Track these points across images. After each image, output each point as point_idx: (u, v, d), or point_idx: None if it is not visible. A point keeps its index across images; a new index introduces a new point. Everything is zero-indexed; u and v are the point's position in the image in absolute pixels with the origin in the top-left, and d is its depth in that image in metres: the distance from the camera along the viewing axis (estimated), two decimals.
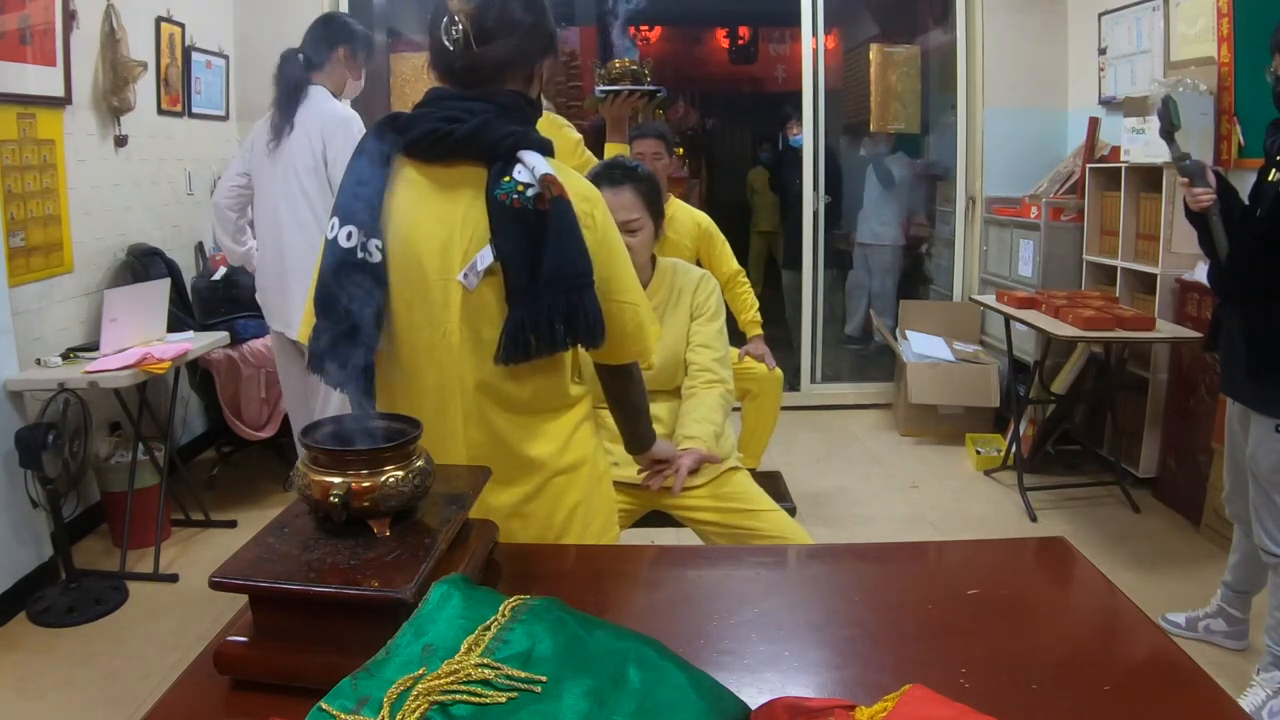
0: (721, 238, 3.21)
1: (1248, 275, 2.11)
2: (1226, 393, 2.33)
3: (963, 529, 3.38)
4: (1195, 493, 3.30)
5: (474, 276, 1.27)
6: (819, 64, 4.78)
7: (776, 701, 0.77)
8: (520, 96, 1.32)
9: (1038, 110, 4.63)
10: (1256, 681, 2.22)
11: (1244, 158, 3.27)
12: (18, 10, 2.88)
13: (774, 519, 2.00)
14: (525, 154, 1.26)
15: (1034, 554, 1.33)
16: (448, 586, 0.82)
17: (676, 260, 2.16)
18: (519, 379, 1.32)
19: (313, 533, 0.97)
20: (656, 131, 3.13)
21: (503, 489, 1.33)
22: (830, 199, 5.02)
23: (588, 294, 1.28)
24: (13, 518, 2.73)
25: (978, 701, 0.76)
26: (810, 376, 5.08)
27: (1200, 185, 2.19)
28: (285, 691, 0.86)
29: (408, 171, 1.31)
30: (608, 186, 1.90)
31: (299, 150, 2.72)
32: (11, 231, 2.84)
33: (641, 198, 1.93)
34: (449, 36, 1.27)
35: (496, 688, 0.71)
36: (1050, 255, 4.13)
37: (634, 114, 2.69)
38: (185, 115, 4.02)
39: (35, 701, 2.30)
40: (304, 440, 1.00)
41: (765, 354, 3.18)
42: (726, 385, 2.06)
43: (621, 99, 2.48)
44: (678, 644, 0.83)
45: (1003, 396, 4.23)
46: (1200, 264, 3.27)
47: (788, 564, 1.30)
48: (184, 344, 3.04)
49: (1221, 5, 3.33)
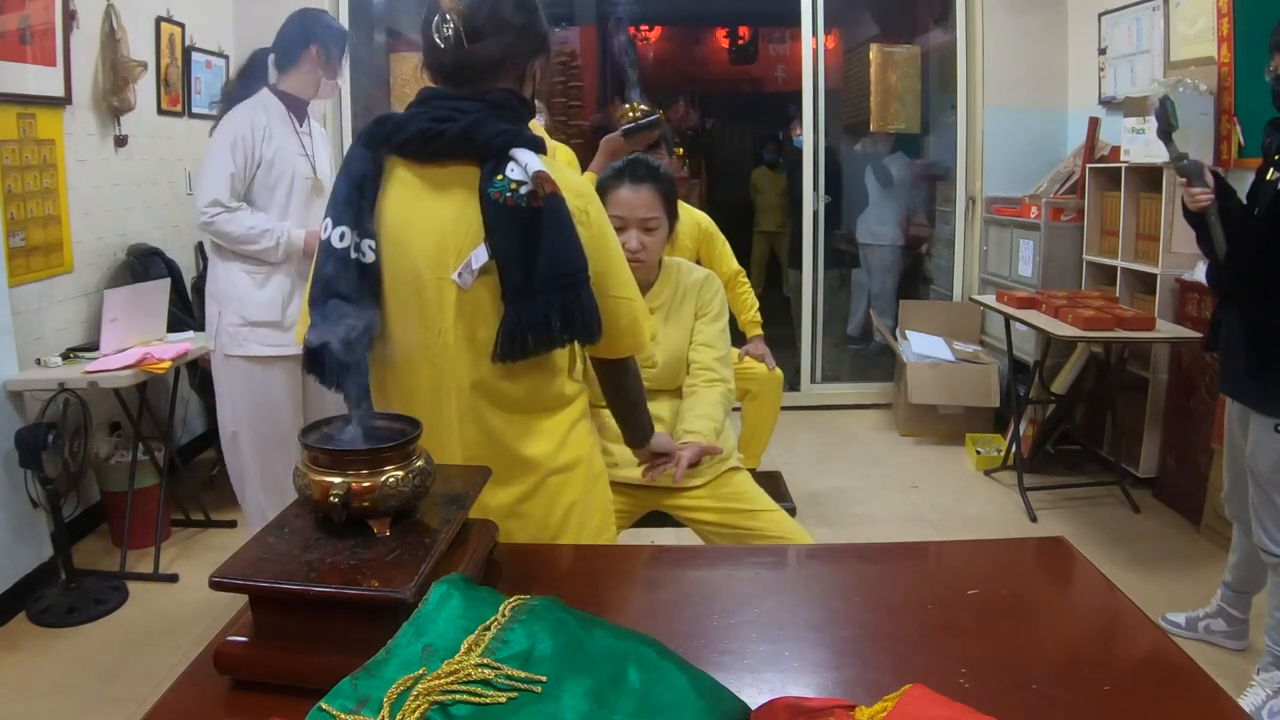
0: (722, 238, 3.21)
1: (1246, 275, 2.11)
2: (1226, 392, 2.33)
3: (963, 529, 3.38)
4: (1195, 493, 3.30)
5: (469, 276, 1.27)
6: (819, 64, 4.78)
7: (776, 701, 0.77)
8: (512, 95, 1.32)
9: (1038, 110, 4.63)
10: (1256, 681, 2.22)
11: (1244, 157, 3.27)
12: (18, 10, 2.88)
13: (774, 519, 2.00)
14: (518, 152, 1.26)
15: (1034, 554, 1.33)
16: (448, 586, 0.82)
17: (681, 260, 2.16)
18: (514, 377, 1.32)
19: (313, 533, 0.97)
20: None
21: (499, 489, 1.33)
22: (830, 199, 5.02)
23: (584, 290, 1.28)
24: (13, 518, 2.73)
25: (978, 701, 0.76)
26: (810, 376, 5.08)
27: (1198, 185, 2.19)
28: (285, 691, 0.86)
29: (400, 172, 1.31)
30: (629, 183, 1.92)
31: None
32: (11, 231, 2.84)
33: (661, 197, 1.94)
34: (440, 35, 1.27)
35: (496, 688, 0.71)
36: (1050, 255, 4.13)
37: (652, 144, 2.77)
38: (185, 115, 4.02)
39: (35, 701, 2.30)
40: (304, 440, 1.00)
41: (765, 354, 3.18)
42: (727, 384, 2.06)
43: (639, 136, 2.56)
44: (678, 644, 0.83)
45: (1003, 396, 4.23)
46: (1200, 264, 3.27)
47: (788, 564, 1.30)
48: (184, 344, 3.04)
49: (1221, 5, 3.33)
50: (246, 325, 2.55)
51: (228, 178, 2.48)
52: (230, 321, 2.56)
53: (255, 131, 2.52)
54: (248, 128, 2.50)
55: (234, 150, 2.49)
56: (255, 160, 2.52)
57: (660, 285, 2.06)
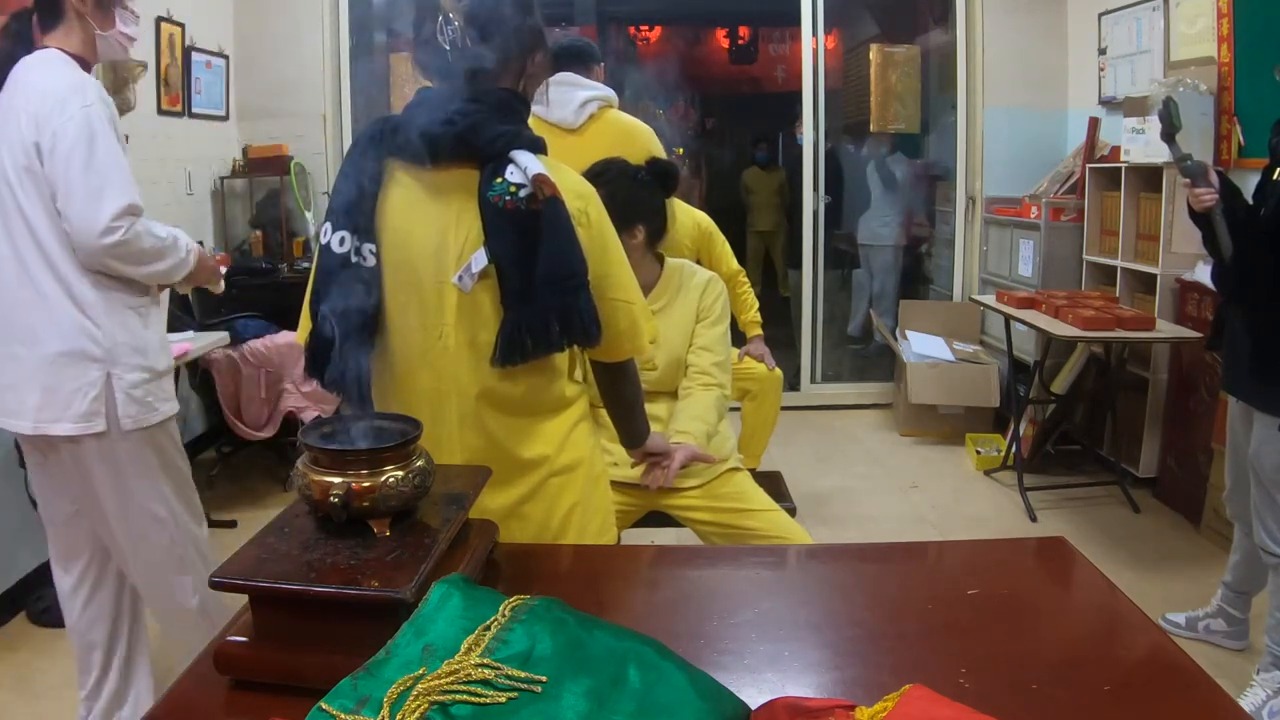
0: (721, 238, 3.21)
1: (1251, 274, 2.12)
2: (1229, 391, 2.33)
3: (963, 529, 3.38)
4: (1195, 493, 3.30)
5: (468, 279, 1.26)
6: (819, 64, 4.79)
7: (776, 701, 0.77)
8: (512, 94, 1.32)
9: (1038, 110, 4.63)
10: (1256, 681, 2.22)
11: (1244, 157, 3.27)
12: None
13: (773, 519, 2.00)
14: (517, 154, 1.25)
15: (1034, 554, 1.33)
16: (448, 586, 0.82)
17: (685, 261, 2.16)
18: (514, 380, 1.31)
19: (313, 533, 0.97)
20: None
21: (499, 491, 1.32)
22: (830, 199, 5.02)
23: (583, 294, 1.28)
24: (13, 518, 2.73)
25: (978, 701, 0.76)
26: (810, 376, 5.08)
27: (1202, 185, 2.19)
28: (285, 691, 0.86)
29: (400, 174, 1.30)
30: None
31: (10, 151, 1.75)
32: None
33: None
34: (442, 35, 1.27)
35: (496, 688, 0.71)
36: (1050, 255, 4.13)
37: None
38: (185, 115, 4.02)
39: (35, 701, 2.30)
40: (304, 440, 1.00)
41: (765, 354, 3.18)
42: (724, 390, 2.05)
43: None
44: (678, 644, 0.83)
45: (1003, 396, 4.23)
46: (1200, 264, 3.27)
47: (788, 564, 1.30)
48: (184, 344, 3.04)
49: (1221, 5, 3.33)
50: (153, 380, 1.87)
51: (128, 169, 1.78)
52: (129, 382, 1.82)
53: (111, 106, 1.80)
54: (107, 100, 1.79)
55: (116, 130, 1.78)
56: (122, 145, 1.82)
57: (662, 286, 2.06)
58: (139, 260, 1.81)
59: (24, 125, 1.73)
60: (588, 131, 2.50)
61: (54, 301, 1.77)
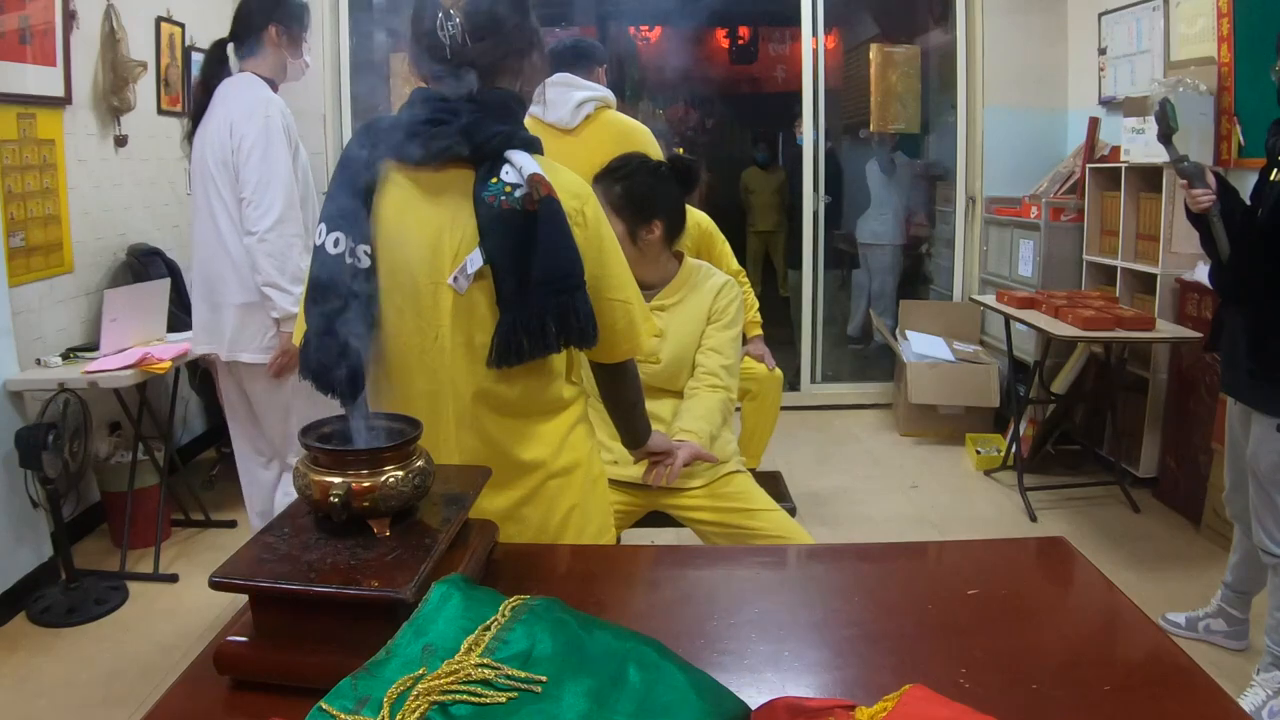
0: (722, 238, 3.21)
1: (1249, 275, 2.12)
2: (1228, 392, 2.33)
3: (963, 529, 3.38)
4: (1195, 493, 3.30)
5: (464, 280, 1.26)
6: (819, 64, 4.79)
7: (776, 701, 0.77)
8: (507, 94, 1.31)
9: (1038, 110, 4.62)
10: (1256, 681, 2.22)
11: (1244, 158, 3.26)
12: (18, 10, 2.88)
13: (773, 519, 1.99)
14: (512, 154, 1.25)
15: (1034, 554, 1.33)
16: (448, 586, 0.82)
17: (704, 262, 2.15)
18: (511, 382, 1.31)
19: (313, 533, 0.97)
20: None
21: (497, 493, 1.32)
22: (830, 199, 5.02)
23: (579, 295, 1.27)
24: (13, 518, 2.73)
25: (978, 701, 0.76)
26: (810, 376, 5.08)
27: (1199, 186, 2.19)
28: (285, 691, 0.86)
29: (394, 175, 1.30)
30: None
31: (212, 148, 2.33)
32: (11, 231, 2.84)
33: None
34: (443, 33, 1.26)
35: (496, 688, 0.71)
36: (1050, 255, 4.13)
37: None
38: (185, 115, 4.01)
39: (35, 701, 2.30)
40: (304, 440, 0.99)
41: (765, 354, 3.18)
42: (730, 393, 2.04)
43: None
44: (678, 644, 0.83)
45: (1003, 396, 4.23)
46: (1200, 264, 3.27)
47: (788, 564, 1.30)
48: (184, 344, 3.04)
49: (1221, 5, 3.33)
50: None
51: (290, 185, 2.27)
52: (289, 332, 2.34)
53: (292, 127, 2.32)
54: (289, 118, 2.31)
55: (289, 145, 2.29)
56: (300, 165, 2.35)
57: (677, 283, 2.05)
58: (274, 267, 2.27)
59: (224, 129, 2.29)
60: (584, 132, 2.50)
61: (241, 266, 2.34)
